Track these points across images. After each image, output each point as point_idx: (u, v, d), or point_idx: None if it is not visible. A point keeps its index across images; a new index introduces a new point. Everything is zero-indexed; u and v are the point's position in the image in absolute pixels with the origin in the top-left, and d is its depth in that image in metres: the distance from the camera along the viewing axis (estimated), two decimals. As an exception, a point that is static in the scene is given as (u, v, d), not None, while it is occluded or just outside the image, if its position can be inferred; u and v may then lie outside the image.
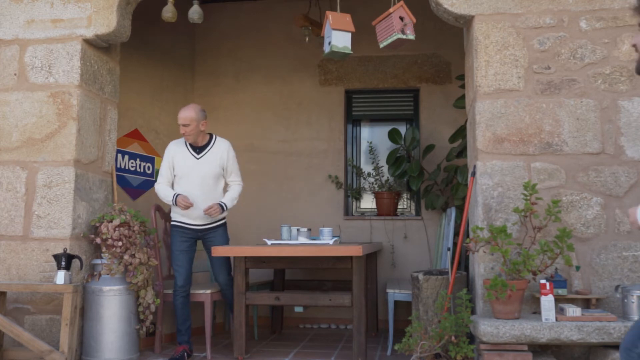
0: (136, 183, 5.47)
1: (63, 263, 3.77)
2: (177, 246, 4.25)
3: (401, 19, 3.62)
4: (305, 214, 6.01)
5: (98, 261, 4.01)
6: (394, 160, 5.76)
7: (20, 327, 3.74)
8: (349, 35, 3.72)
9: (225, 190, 4.40)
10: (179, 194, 4.15)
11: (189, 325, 4.23)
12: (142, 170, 5.56)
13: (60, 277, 3.75)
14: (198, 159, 4.24)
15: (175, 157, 4.26)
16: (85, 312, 3.94)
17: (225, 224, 4.41)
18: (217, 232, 4.34)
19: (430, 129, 6.01)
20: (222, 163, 4.28)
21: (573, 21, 3.65)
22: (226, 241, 4.39)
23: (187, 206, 4.09)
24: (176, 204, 4.14)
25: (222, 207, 4.22)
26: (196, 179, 4.21)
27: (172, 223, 4.31)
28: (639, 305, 3.15)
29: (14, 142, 4.11)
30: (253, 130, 6.22)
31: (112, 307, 3.91)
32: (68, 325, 3.67)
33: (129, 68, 5.36)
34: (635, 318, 3.14)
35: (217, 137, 4.37)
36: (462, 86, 4.82)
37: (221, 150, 4.30)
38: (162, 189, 4.24)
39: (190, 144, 4.27)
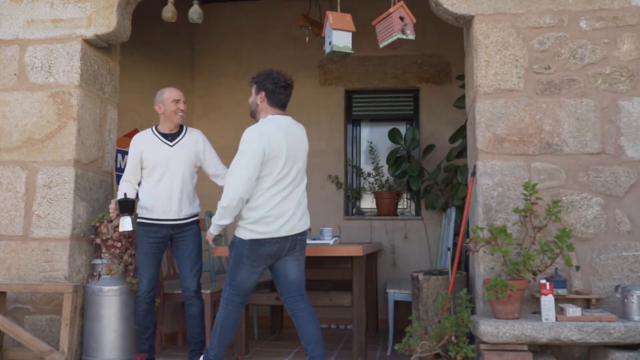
0: (136, 183, 5.46)
1: (127, 208, 3.70)
2: (142, 247, 3.81)
3: (401, 19, 3.61)
4: (305, 214, 6.00)
5: (98, 261, 4.01)
6: (394, 160, 5.76)
7: (20, 327, 3.74)
8: (350, 35, 3.72)
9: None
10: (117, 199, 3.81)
11: (151, 334, 3.87)
12: (142, 170, 5.54)
13: (128, 222, 3.68)
14: (172, 146, 3.83)
15: (145, 149, 3.82)
16: (85, 312, 3.94)
17: (198, 220, 3.97)
18: (192, 231, 3.87)
19: (430, 129, 6.01)
20: (197, 150, 3.88)
21: (573, 21, 3.65)
22: (200, 242, 3.92)
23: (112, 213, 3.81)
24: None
25: None
26: (172, 168, 3.79)
27: (138, 220, 3.86)
28: (639, 305, 3.16)
29: (14, 142, 4.11)
30: (253, 130, 6.21)
31: (112, 307, 3.91)
32: (68, 325, 3.67)
33: (129, 68, 5.36)
34: (636, 318, 3.15)
35: (188, 127, 3.98)
36: (462, 86, 4.82)
37: (195, 137, 3.91)
38: (120, 187, 3.88)
39: (161, 133, 3.87)
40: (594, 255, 3.49)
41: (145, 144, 3.85)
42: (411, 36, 3.63)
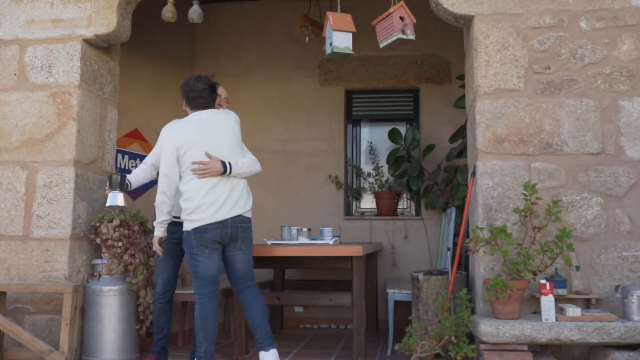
0: (136, 183, 5.46)
1: (119, 183, 3.70)
2: (162, 246, 3.74)
3: (401, 19, 3.62)
4: (305, 214, 6.01)
5: (98, 261, 4.01)
6: (394, 160, 5.76)
7: (20, 327, 3.74)
8: (350, 35, 3.72)
9: None
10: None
11: (164, 335, 3.84)
12: (142, 170, 5.54)
13: (112, 197, 3.67)
14: None
15: None
16: (85, 312, 3.94)
17: None
18: None
19: (430, 129, 6.01)
20: None
21: (573, 21, 3.65)
22: None
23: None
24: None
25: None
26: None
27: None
28: (639, 305, 3.16)
29: (14, 142, 4.11)
30: (253, 130, 6.22)
31: (112, 307, 3.91)
32: (68, 325, 3.67)
33: (129, 68, 5.36)
34: (635, 318, 3.15)
35: None
36: (462, 86, 4.82)
37: None
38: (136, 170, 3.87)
39: None
40: (594, 255, 3.49)
41: None
42: (411, 36, 3.64)
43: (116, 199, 3.71)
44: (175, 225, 3.79)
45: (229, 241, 3.47)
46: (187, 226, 3.45)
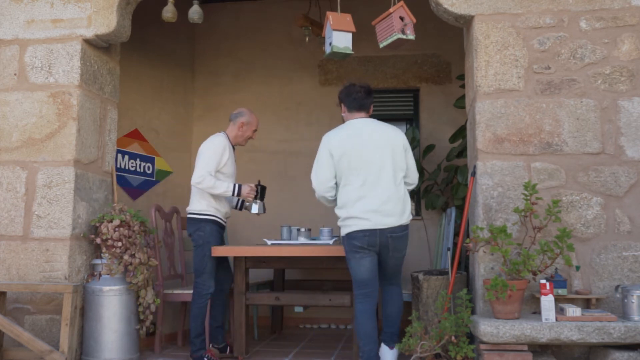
0: (136, 183, 5.47)
1: (258, 194, 4.15)
2: (214, 245, 4.07)
3: (401, 19, 3.62)
4: (305, 214, 6.00)
5: (98, 261, 4.01)
6: (394, 160, 5.74)
7: (20, 327, 3.74)
8: (350, 35, 3.72)
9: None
10: (240, 184, 4.10)
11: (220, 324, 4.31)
12: (142, 170, 5.56)
13: (261, 206, 4.19)
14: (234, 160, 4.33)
15: (229, 155, 4.18)
16: (85, 312, 3.94)
17: None
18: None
19: (430, 129, 6.01)
20: None
21: (573, 21, 3.65)
22: None
23: (252, 195, 4.13)
24: (239, 194, 4.06)
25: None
26: (234, 178, 4.25)
27: (207, 217, 4.09)
28: (639, 305, 3.16)
29: (14, 142, 4.11)
30: (253, 130, 6.22)
31: (112, 307, 3.91)
32: (68, 325, 3.67)
33: (129, 68, 5.36)
34: (636, 318, 3.15)
35: None
36: (462, 86, 4.82)
37: None
38: (217, 182, 4.00)
39: (233, 145, 4.29)
40: (594, 255, 3.49)
41: (229, 149, 4.19)
42: (411, 36, 3.64)
43: (260, 208, 4.20)
44: (222, 227, 4.18)
45: (381, 248, 3.48)
46: (341, 232, 3.55)
